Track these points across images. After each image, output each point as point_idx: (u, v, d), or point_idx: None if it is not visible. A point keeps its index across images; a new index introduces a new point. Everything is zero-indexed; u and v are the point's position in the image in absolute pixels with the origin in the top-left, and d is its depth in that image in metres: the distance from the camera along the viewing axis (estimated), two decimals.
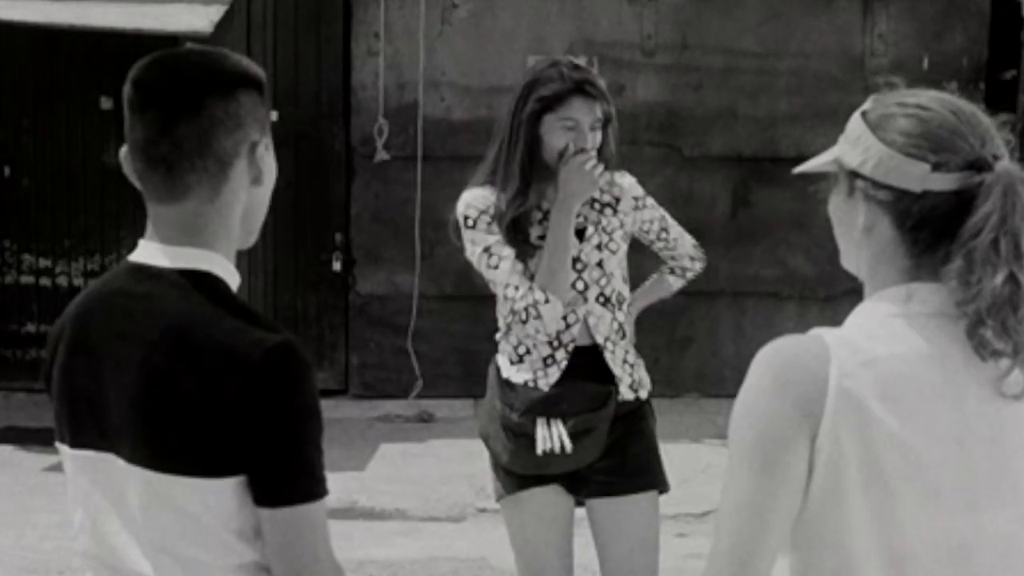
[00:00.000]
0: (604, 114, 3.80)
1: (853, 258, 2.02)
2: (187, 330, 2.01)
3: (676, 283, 4.16)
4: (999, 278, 1.83)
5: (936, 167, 1.89)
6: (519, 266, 3.78)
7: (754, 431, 1.86)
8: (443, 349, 9.39)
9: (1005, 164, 1.89)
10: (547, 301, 3.74)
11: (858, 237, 1.97)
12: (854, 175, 1.96)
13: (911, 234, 1.91)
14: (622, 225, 3.90)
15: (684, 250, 4.09)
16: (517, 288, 3.76)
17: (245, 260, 2.20)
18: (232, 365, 1.97)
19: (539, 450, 3.76)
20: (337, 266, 9.43)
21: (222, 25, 8.24)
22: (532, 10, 9.29)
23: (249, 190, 2.12)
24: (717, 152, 9.46)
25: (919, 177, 1.89)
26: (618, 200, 3.91)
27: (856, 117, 2.00)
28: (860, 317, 1.95)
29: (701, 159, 9.46)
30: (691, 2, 9.36)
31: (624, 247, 3.90)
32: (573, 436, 3.76)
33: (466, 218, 3.83)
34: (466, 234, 3.84)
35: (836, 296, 9.00)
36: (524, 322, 3.77)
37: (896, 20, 9.40)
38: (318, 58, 9.32)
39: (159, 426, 2.01)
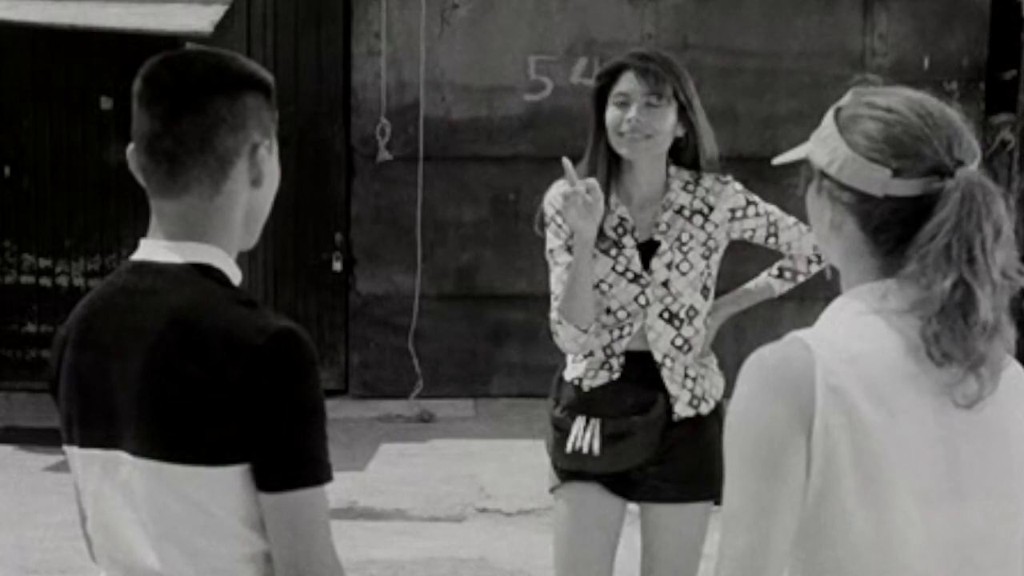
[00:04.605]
0: (665, 93, 3.65)
1: (825, 250, 2.06)
2: (191, 319, 2.04)
3: (783, 287, 3.98)
4: (948, 282, 1.86)
5: (897, 173, 1.91)
6: (567, 276, 3.67)
7: (752, 438, 1.88)
8: (443, 349, 9.39)
9: (966, 171, 1.90)
10: (560, 323, 3.67)
11: (826, 233, 2.00)
12: (822, 174, 1.99)
13: (874, 235, 1.95)
14: (708, 238, 3.74)
15: (801, 252, 3.89)
16: (556, 300, 3.70)
17: (245, 259, 2.21)
18: (236, 350, 1.99)
19: (568, 447, 3.73)
20: (337, 266, 9.43)
21: (222, 25, 8.24)
22: (532, 10, 9.29)
23: (249, 191, 2.15)
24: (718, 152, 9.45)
25: (880, 182, 1.92)
26: (711, 208, 3.76)
27: (830, 114, 2.02)
28: (837, 314, 1.98)
29: None
30: (691, 2, 9.36)
31: (701, 264, 3.73)
32: (609, 438, 3.70)
33: (543, 215, 3.76)
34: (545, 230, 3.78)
35: (836, 296, 8.99)
36: (555, 334, 3.73)
37: (896, 20, 9.40)
38: (318, 58, 9.32)
39: (165, 415, 2.03)
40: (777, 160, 2.15)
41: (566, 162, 3.60)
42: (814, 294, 9.38)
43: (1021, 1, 9.03)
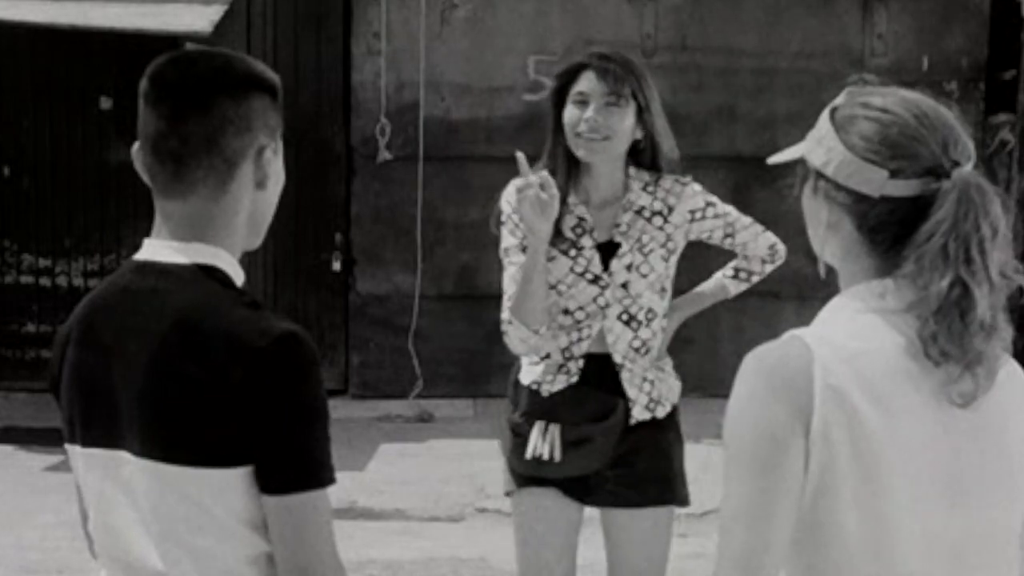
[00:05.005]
0: (624, 93, 3.60)
1: (820, 250, 2.06)
2: (194, 320, 2.03)
3: (738, 287, 3.91)
4: (945, 282, 1.86)
5: (893, 174, 1.92)
6: (520, 276, 3.63)
7: (750, 437, 1.89)
8: (443, 349, 9.39)
9: (963, 171, 1.91)
10: (511, 323, 3.62)
11: (823, 233, 2.01)
12: (818, 174, 1.99)
13: (871, 235, 1.95)
14: (667, 240, 3.69)
15: (755, 253, 3.83)
16: (508, 300, 3.65)
17: (245, 259, 2.21)
18: (239, 352, 1.99)
19: (527, 454, 3.69)
20: (337, 266, 9.43)
21: (222, 25, 8.24)
22: (532, 10, 9.29)
23: (254, 193, 2.15)
24: (717, 152, 9.46)
25: (877, 183, 1.92)
26: (671, 209, 3.70)
27: (825, 114, 2.03)
28: (835, 313, 1.99)
29: (701, 159, 9.43)
30: (691, 2, 9.36)
31: (661, 266, 3.69)
32: (569, 444, 3.66)
33: (500, 212, 3.73)
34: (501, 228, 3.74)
35: (835, 296, 8.98)
36: (505, 334, 3.68)
37: (896, 20, 9.40)
38: (318, 58, 9.32)
39: (168, 416, 2.03)
40: (772, 159, 2.16)
41: (519, 156, 3.57)
42: (813, 294, 9.40)
43: (1021, 1, 9.03)
